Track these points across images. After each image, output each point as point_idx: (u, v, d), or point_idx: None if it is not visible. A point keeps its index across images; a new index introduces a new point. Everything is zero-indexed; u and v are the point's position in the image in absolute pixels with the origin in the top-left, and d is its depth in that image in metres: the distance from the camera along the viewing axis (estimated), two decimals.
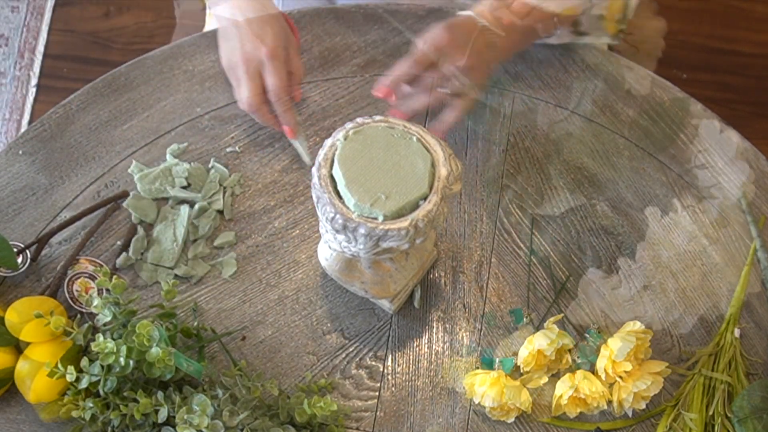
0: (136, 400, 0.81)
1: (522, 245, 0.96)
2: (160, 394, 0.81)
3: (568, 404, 0.87)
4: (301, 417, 0.83)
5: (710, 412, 0.88)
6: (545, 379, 0.88)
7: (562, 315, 0.91)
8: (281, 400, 0.84)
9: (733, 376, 0.89)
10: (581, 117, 1.01)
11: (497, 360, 0.90)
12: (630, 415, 0.89)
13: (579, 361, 0.90)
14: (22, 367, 0.84)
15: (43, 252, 0.94)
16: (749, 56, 1.86)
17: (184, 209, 0.95)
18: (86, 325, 0.85)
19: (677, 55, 1.07)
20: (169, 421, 0.81)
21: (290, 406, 0.84)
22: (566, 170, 0.99)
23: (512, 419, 0.88)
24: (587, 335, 0.91)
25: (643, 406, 0.88)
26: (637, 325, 0.88)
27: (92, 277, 0.91)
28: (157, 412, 0.81)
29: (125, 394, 0.82)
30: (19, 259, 0.91)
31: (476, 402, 0.87)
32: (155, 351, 0.78)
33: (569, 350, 0.90)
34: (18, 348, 0.86)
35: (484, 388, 0.86)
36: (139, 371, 0.82)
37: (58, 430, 0.86)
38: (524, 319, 0.93)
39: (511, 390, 0.86)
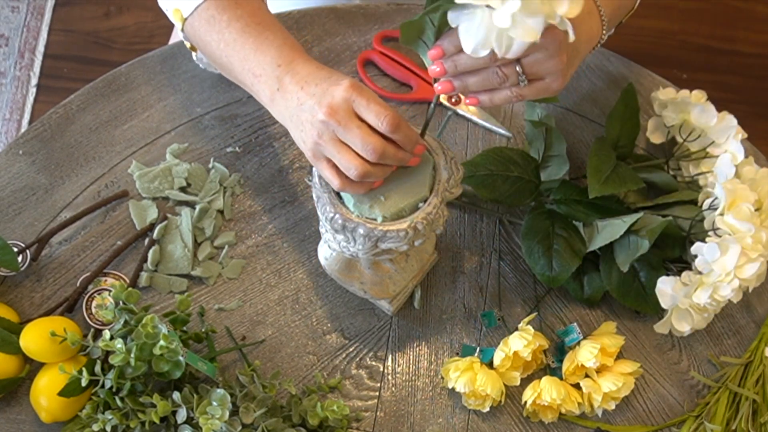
0: (153, 405, 0.81)
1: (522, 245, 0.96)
2: (176, 395, 0.81)
3: (543, 410, 0.87)
4: (313, 419, 0.83)
5: (733, 427, 0.87)
6: (518, 382, 0.88)
7: (535, 314, 0.91)
8: (294, 401, 0.84)
9: (759, 394, 0.89)
10: (581, 117, 1.01)
11: (478, 349, 0.90)
12: (599, 415, 0.89)
13: (553, 365, 0.90)
14: (36, 386, 0.85)
15: (44, 252, 0.94)
16: (749, 56, 1.86)
17: (185, 213, 0.95)
18: (102, 336, 0.85)
19: (677, 55, 1.07)
20: (186, 422, 0.81)
21: (303, 408, 0.84)
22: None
23: (487, 408, 0.87)
24: (562, 336, 0.90)
25: (613, 407, 0.87)
26: (611, 327, 0.89)
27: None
28: (174, 413, 0.81)
29: (141, 400, 0.81)
30: (19, 259, 0.91)
31: (450, 387, 0.87)
32: (161, 342, 0.78)
33: (544, 351, 0.89)
34: (25, 357, 0.86)
35: (458, 373, 0.86)
36: (151, 376, 0.82)
37: (58, 430, 0.86)
38: (497, 322, 0.92)
39: (483, 376, 0.85)
